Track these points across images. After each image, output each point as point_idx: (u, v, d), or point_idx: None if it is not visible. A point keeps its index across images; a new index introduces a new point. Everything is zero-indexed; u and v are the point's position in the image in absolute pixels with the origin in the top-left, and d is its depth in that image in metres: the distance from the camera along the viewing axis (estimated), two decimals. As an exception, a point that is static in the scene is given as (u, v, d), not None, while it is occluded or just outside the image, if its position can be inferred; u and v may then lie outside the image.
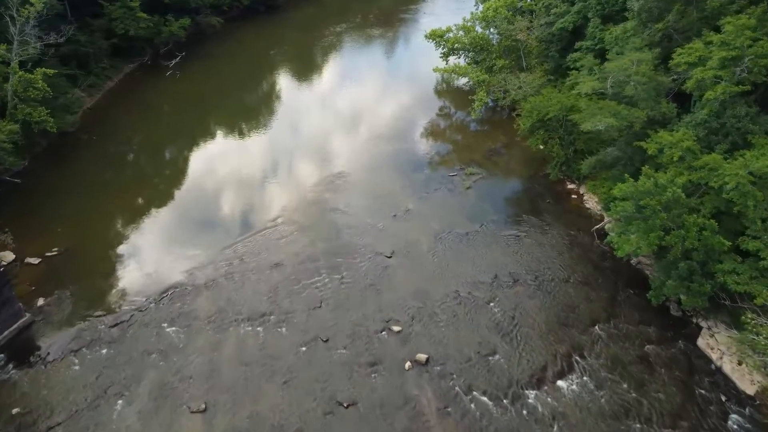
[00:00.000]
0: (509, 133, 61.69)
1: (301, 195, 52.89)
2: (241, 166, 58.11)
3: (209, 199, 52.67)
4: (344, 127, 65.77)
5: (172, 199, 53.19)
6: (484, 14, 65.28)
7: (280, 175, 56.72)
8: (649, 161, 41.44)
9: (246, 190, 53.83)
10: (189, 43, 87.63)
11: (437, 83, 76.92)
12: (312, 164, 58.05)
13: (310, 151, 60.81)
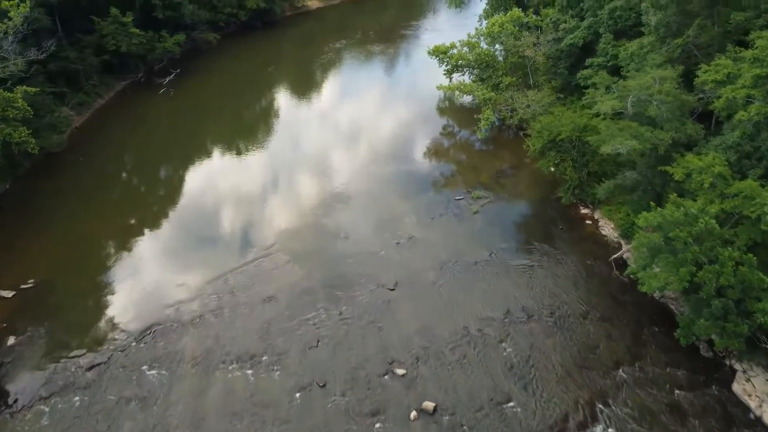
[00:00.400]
0: (517, 153, 58.72)
1: (298, 219, 49.71)
2: (236, 188, 54.99)
3: (200, 225, 49.44)
4: (344, 147, 62.81)
5: (160, 225, 49.97)
6: (490, 30, 62.66)
7: (277, 197, 53.57)
8: (672, 186, 38.42)
9: (240, 215, 50.64)
10: (184, 60, 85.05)
11: (440, 101, 74.14)
12: (310, 186, 54.96)
13: (309, 171, 57.77)
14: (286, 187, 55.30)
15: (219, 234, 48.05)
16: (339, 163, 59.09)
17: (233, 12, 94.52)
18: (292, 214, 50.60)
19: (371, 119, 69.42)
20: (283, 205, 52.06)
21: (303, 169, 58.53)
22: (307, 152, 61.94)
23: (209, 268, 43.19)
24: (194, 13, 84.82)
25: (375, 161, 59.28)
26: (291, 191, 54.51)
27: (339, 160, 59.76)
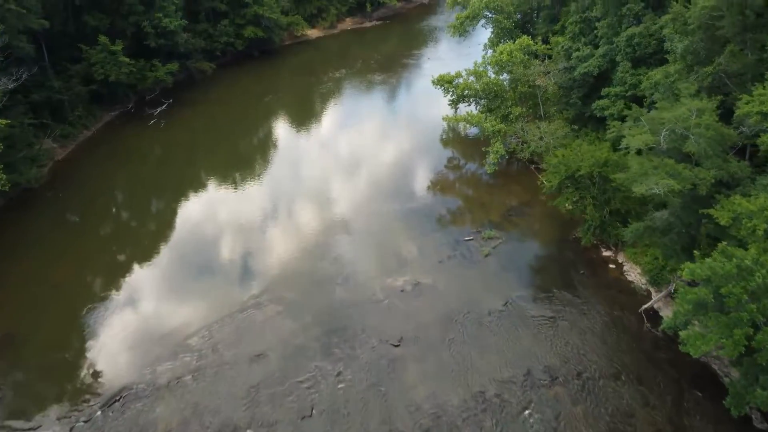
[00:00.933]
0: (529, 188, 54.69)
1: (292, 262, 45.34)
2: (226, 226, 50.74)
3: (184, 269, 45.05)
4: (343, 181, 58.73)
5: (140, 270, 45.47)
6: (498, 58, 59.21)
7: (270, 237, 49.22)
8: (711, 229, 34.20)
9: (229, 257, 46.27)
10: (178, 90, 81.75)
11: (443, 132, 70.55)
12: (307, 224, 50.71)
13: (305, 208, 53.60)
14: (280, 226, 50.99)
15: (205, 280, 43.57)
16: (338, 199, 54.94)
17: (230, 41, 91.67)
18: (286, 255, 46.24)
19: (372, 151, 65.58)
20: (276, 246, 47.70)
21: (299, 205, 54.37)
22: (304, 187, 57.89)
23: (192, 319, 38.62)
24: (188, 41, 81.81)
25: (376, 197, 55.18)
26: (286, 230, 50.19)
27: (338, 195, 55.62)
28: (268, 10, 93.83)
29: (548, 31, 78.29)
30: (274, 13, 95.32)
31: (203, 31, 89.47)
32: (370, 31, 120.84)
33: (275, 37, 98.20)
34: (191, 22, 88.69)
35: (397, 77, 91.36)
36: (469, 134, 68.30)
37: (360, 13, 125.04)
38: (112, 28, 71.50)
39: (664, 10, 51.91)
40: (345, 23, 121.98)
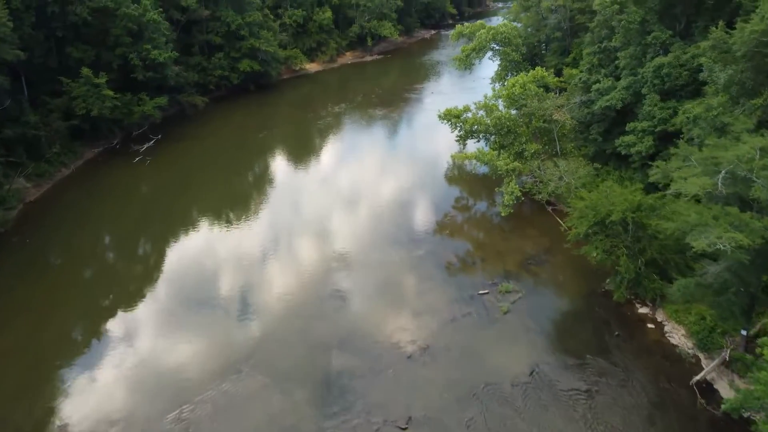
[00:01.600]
0: (548, 232, 49.37)
1: (283, 322, 39.60)
2: (207, 278, 45.12)
3: (155, 331, 39.26)
4: (342, 224, 53.40)
5: (104, 332, 39.30)
6: (509, 91, 54.64)
7: (258, 291, 43.55)
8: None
9: (209, 316, 40.50)
10: (168, 125, 77.37)
11: (449, 168, 65.82)
12: (300, 275, 45.12)
13: (299, 256, 48.14)
14: (271, 277, 45.34)
15: (181, 346, 37.55)
16: (336, 245, 49.49)
17: (224, 74, 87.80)
18: (276, 312, 40.52)
19: (373, 190, 60.44)
20: (266, 301, 42.01)
21: (292, 252, 48.92)
22: (299, 231, 52.55)
23: (160, 398, 32.59)
24: (180, 75, 77.77)
25: (378, 242, 49.77)
26: (277, 282, 44.51)
27: (336, 241, 50.18)
28: (264, 43, 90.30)
29: (559, 63, 74.45)
30: (271, 47, 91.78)
31: (196, 65, 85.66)
32: (371, 65, 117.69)
33: (272, 71, 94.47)
34: (184, 55, 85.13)
35: (399, 112, 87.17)
36: (476, 171, 63.59)
37: (360, 47, 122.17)
38: (98, 60, 67.41)
39: (692, 39, 47.70)
40: (345, 57, 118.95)
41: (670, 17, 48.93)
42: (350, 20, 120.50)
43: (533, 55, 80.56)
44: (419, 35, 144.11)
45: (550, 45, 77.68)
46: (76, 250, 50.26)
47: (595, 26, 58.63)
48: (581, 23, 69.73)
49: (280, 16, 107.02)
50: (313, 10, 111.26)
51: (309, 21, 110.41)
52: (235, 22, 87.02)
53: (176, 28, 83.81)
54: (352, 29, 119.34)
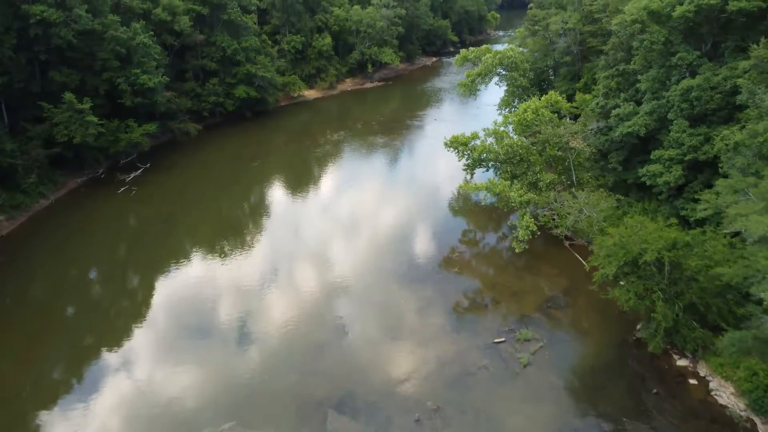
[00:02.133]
0: (567, 271, 44.89)
1: (271, 378, 34.76)
2: (190, 321, 40.45)
3: (125, 390, 34.34)
4: (341, 259, 48.90)
5: (67, 391, 34.71)
6: (521, 117, 50.79)
7: (243, 340, 38.77)
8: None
9: (187, 371, 35.67)
10: (159, 153, 73.57)
11: (454, 199, 61.74)
12: (292, 320, 40.41)
13: (295, 297, 43.47)
14: (257, 324, 40.52)
15: (150, 409, 32.72)
16: (334, 282, 44.94)
17: (219, 101, 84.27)
18: (262, 367, 35.73)
19: (374, 224, 56.08)
20: (250, 353, 37.21)
21: (287, 294, 44.27)
22: (294, 269, 48.06)
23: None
24: (171, 101, 74.15)
25: (379, 280, 45.30)
26: (269, 329, 39.77)
27: (334, 279, 45.64)
28: (261, 68, 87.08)
29: (569, 88, 71.03)
30: (268, 72, 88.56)
31: (190, 90, 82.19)
32: (372, 92, 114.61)
33: (269, 98, 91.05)
34: (177, 81, 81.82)
35: (400, 139, 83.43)
36: (481, 201, 59.35)
37: (361, 73, 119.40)
38: (83, 85, 63.74)
39: (721, 60, 44.01)
40: (345, 84, 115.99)
41: (695, 37, 45.35)
42: (350, 46, 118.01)
43: (541, 80, 77.29)
44: (421, 62, 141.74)
45: (559, 70, 74.43)
46: (53, 287, 45.79)
47: (610, 48, 55.19)
48: (593, 47, 66.49)
49: (279, 42, 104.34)
50: (312, 36, 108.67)
51: (308, 47, 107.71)
52: (230, 47, 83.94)
53: (169, 53, 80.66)
54: (352, 56, 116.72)
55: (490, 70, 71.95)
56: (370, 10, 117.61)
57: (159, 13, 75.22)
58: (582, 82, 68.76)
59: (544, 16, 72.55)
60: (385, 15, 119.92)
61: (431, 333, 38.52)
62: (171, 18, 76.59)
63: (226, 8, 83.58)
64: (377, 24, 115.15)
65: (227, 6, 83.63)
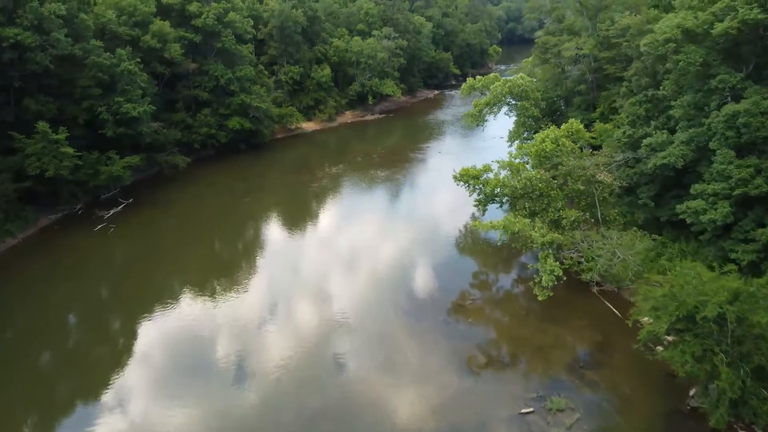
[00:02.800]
0: (600, 322, 39.07)
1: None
2: (168, 382, 34.40)
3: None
4: (338, 306, 43.09)
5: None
6: (539, 147, 45.69)
7: (226, 407, 32.64)
8: None
9: (177, 414, 29.57)
10: (144, 187, 68.53)
11: (461, 236, 56.61)
12: (279, 383, 34.34)
13: (278, 355, 37.47)
14: (241, 388, 34.51)
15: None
16: (330, 336, 39.02)
17: (211, 132, 79.54)
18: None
19: (373, 265, 50.51)
20: (246, 396, 31.11)
21: (270, 350, 38.28)
22: (283, 313, 42.25)
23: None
24: (159, 132, 69.32)
25: (382, 332, 39.47)
26: (249, 394, 33.70)
27: (329, 332, 39.74)
28: (256, 99, 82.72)
29: (584, 119, 66.35)
30: (264, 103, 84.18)
31: (180, 121, 77.59)
32: (372, 125, 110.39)
33: (265, 130, 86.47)
34: (167, 111, 77.33)
35: (402, 173, 78.46)
36: (496, 240, 53.99)
37: (361, 106, 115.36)
38: (61, 113, 58.99)
39: (765, 83, 39.18)
40: (345, 116, 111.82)
41: (734, 59, 40.61)
42: (350, 78, 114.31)
43: (552, 110, 72.65)
44: (422, 95, 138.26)
45: (572, 100, 69.81)
46: (18, 337, 39.77)
47: (633, 74, 50.69)
48: (610, 74, 62.01)
49: (276, 73, 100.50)
50: (311, 67, 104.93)
51: (306, 78, 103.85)
52: (224, 77, 79.73)
53: (159, 83, 76.41)
54: (352, 87, 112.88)
55: (500, 99, 67.34)
56: (371, 41, 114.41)
57: (148, 40, 71.12)
58: (598, 112, 64.11)
59: (556, 43, 68.36)
60: (387, 46, 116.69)
61: (445, 396, 32.50)
62: (161, 45, 72.51)
63: (220, 36, 79.69)
64: (378, 55, 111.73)
65: (221, 34, 79.77)
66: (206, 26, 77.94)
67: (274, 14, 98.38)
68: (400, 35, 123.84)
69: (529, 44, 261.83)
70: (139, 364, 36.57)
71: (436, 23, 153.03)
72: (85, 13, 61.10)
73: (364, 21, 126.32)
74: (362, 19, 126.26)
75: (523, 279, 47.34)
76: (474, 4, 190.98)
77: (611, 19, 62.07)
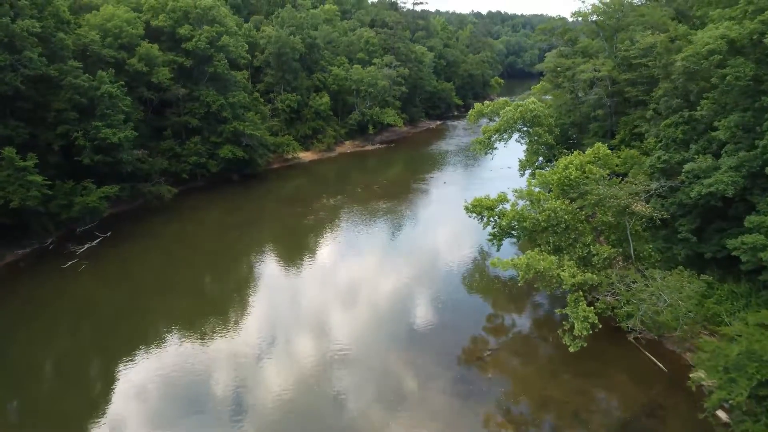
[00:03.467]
0: (641, 378, 33.06)
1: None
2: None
3: None
4: (335, 353, 37.09)
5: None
6: (562, 175, 40.37)
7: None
8: None
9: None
10: (125, 220, 63.00)
11: (468, 273, 51.20)
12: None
13: (267, 407, 31.36)
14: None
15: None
16: (325, 388, 32.93)
17: (201, 161, 74.50)
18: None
19: (373, 307, 44.64)
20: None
21: (256, 400, 32.15)
22: (274, 365, 36.14)
23: None
24: (144, 160, 64.27)
25: (387, 387, 33.33)
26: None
27: (323, 391, 33.65)
28: (250, 126, 78.02)
29: (596, 140, 61.70)
30: (258, 131, 79.46)
31: (168, 149, 72.65)
32: (373, 155, 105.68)
33: (259, 159, 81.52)
34: (155, 139, 72.51)
35: (406, 204, 73.17)
36: (502, 275, 48.72)
37: (361, 135, 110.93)
38: (34, 139, 53.92)
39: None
40: (344, 146, 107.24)
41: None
42: (350, 107, 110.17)
43: (567, 138, 67.83)
44: (424, 125, 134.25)
45: (587, 126, 64.99)
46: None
47: (662, 95, 45.84)
48: (632, 97, 57.32)
49: (272, 101, 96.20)
50: (309, 95, 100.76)
51: (304, 107, 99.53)
52: (216, 103, 75.15)
53: (147, 109, 71.79)
54: (352, 116, 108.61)
55: (511, 125, 62.54)
56: (372, 69, 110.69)
57: (134, 63, 66.70)
58: (618, 139, 59.21)
59: (570, 66, 63.90)
60: (388, 74, 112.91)
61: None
62: (148, 69, 68.07)
63: (213, 60, 75.42)
64: (379, 83, 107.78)
65: (214, 58, 75.52)
66: (198, 50, 73.77)
67: (270, 41, 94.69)
68: (402, 64, 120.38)
69: (529, 78, 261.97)
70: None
71: (438, 53, 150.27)
72: (64, 32, 56.64)
73: (364, 50, 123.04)
74: (363, 48, 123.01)
75: (544, 322, 41.66)
76: (475, 35, 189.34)
77: (630, 39, 57.70)
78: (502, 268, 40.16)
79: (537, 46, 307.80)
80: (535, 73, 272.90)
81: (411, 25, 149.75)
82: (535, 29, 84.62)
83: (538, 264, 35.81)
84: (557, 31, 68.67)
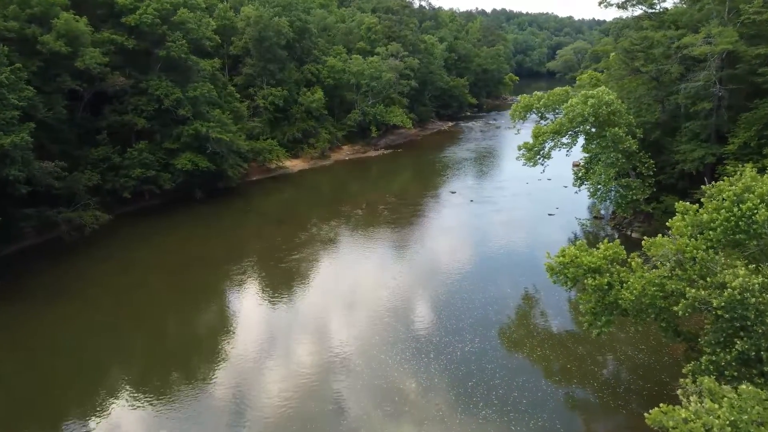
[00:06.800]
0: None
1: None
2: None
3: None
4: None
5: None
6: (735, 213, 21.49)
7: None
8: None
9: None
10: (27, 263, 44.36)
11: (511, 323, 32.21)
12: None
13: None
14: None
15: None
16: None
17: (148, 174, 55.50)
18: None
19: (376, 376, 25.80)
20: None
21: None
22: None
23: None
24: (59, 176, 45.28)
25: None
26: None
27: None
28: (216, 128, 59.20)
29: (706, 154, 43.26)
30: (228, 134, 60.55)
31: (102, 159, 53.73)
32: (376, 163, 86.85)
33: (230, 171, 62.78)
34: (88, 145, 53.79)
35: (429, 237, 54.30)
36: (552, 326, 30.01)
37: (362, 138, 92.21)
38: None
39: None
40: (341, 152, 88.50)
41: None
42: (349, 105, 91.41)
43: (649, 142, 48.87)
44: (434, 127, 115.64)
45: (684, 125, 46.14)
46: None
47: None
48: (763, 82, 38.69)
49: (253, 97, 77.47)
50: (299, 90, 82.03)
51: (293, 104, 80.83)
52: (170, 97, 56.39)
53: (75, 105, 53.04)
54: (351, 116, 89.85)
55: (577, 124, 43.76)
56: (374, 59, 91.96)
57: (50, 42, 47.91)
58: (736, 144, 40.61)
59: (659, 41, 45.06)
60: (394, 66, 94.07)
61: None
62: (71, 51, 49.31)
63: (165, 41, 56.63)
64: (383, 76, 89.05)
65: (167, 38, 56.73)
66: (144, 26, 55.00)
67: (250, 22, 76.00)
68: (411, 54, 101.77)
69: (538, 77, 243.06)
70: None
71: (448, 46, 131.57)
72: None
73: (365, 38, 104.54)
74: (363, 36, 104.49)
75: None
76: (488, 28, 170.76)
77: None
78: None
79: (546, 44, 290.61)
80: (544, 73, 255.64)
81: (418, 15, 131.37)
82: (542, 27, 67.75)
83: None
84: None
